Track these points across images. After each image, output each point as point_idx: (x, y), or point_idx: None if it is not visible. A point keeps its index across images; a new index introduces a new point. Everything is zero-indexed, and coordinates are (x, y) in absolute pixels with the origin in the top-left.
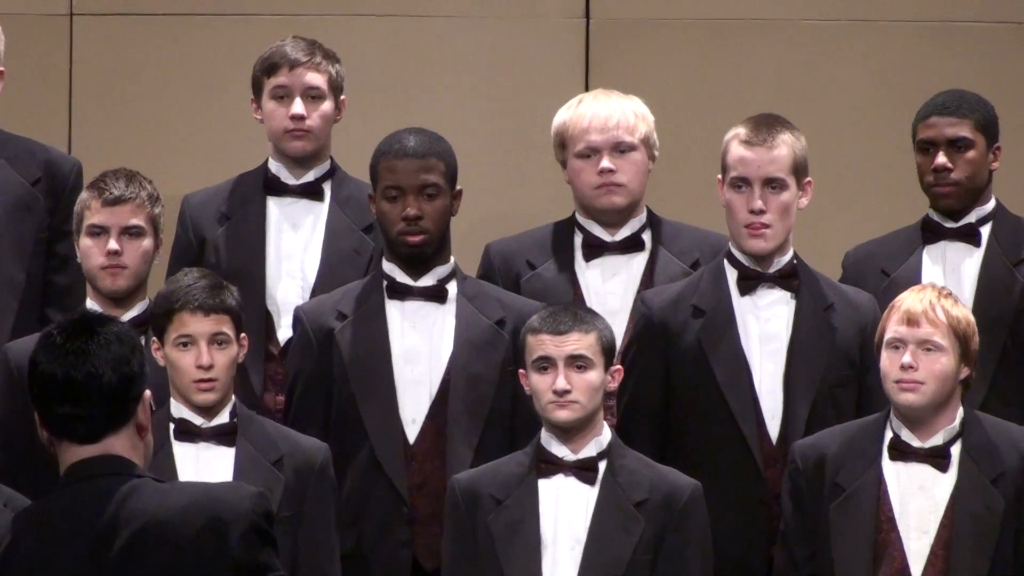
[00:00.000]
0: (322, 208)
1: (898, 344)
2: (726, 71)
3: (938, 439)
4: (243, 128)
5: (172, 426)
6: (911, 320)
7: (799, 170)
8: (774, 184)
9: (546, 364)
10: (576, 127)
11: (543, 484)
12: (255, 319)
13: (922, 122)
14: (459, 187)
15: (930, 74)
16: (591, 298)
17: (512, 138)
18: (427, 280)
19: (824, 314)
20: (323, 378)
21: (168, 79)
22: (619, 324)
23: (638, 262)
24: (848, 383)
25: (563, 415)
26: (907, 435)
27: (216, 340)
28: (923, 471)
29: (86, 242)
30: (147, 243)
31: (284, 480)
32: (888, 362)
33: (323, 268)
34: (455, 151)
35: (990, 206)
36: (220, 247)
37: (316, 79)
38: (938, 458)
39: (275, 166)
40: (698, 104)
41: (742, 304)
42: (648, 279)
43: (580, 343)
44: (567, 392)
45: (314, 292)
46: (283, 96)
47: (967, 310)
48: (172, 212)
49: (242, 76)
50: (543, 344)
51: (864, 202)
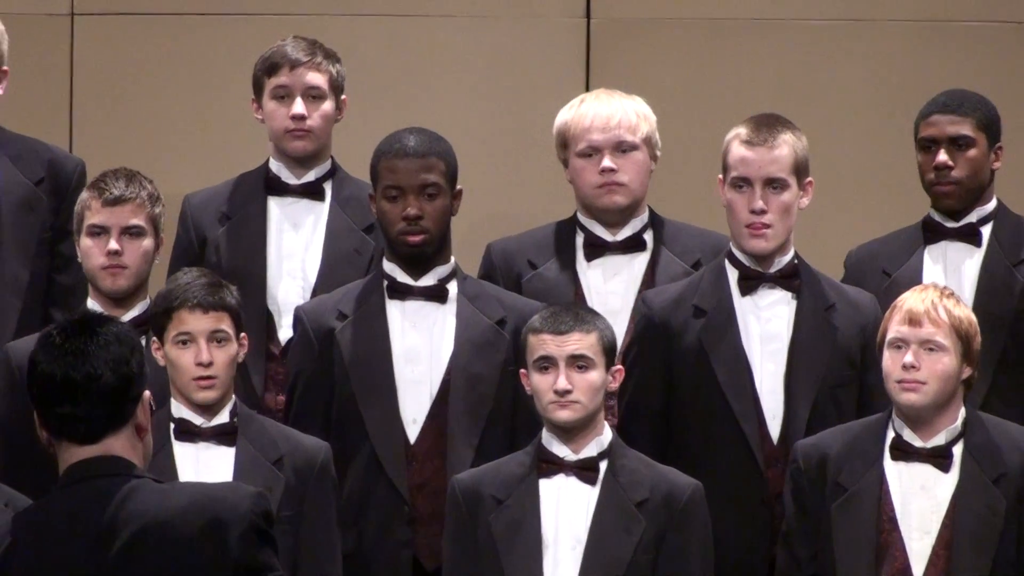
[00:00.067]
0: (323, 208)
1: (900, 344)
2: (727, 71)
3: (940, 439)
4: (244, 128)
5: (172, 426)
6: (913, 320)
7: (800, 170)
8: (775, 184)
9: (547, 364)
10: (578, 126)
11: (544, 484)
12: (256, 319)
13: (924, 120)
14: (459, 187)
15: (930, 74)
16: (592, 298)
17: (513, 138)
18: (428, 280)
19: (825, 314)
20: (324, 378)
21: (169, 79)
22: (620, 324)
23: (639, 262)
24: (849, 383)
25: (564, 415)
26: (909, 435)
27: (215, 338)
28: (925, 471)
29: (86, 242)
30: (147, 243)
31: (284, 480)
32: (890, 362)
33: (324, 268)
34: (456, 151)
35: (991, 206)
36: (221, 247)
37: (317, 79)
38: (940, 458)
39: (276, 166)
40: (699, 104)
41: (743, 304)
42: (649, 279)
43: (581, 343)
44: (568, 392)
45: (315, 292)
46: (284, 96)
47: (969, 310)
48: (173, 212)
49: (243, 76)
50: (544, 344)
51: (865, 202)
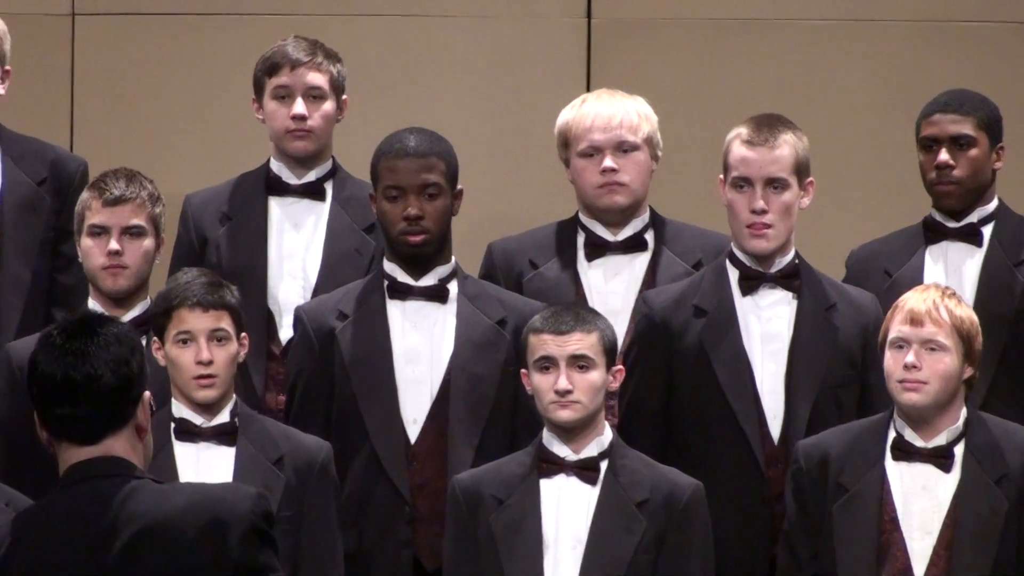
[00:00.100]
0: (323, 208)
1: (902, 344)
2: (728, 71)
3: (941, 439)
4: (244, 128)
5: (173, 426)
6: (915, 320)
7: (801, 170)
8: (776, 184)
9: (548, 364)
10: (579, 126)
11: (544, 484)
12: (256, 319)
13: (925, 119)
14: (460, 187)
15: (931, 74)
16: (593, 298)
17: (513, 138)
18: (428, 280)
19: (826, 314)
20: (324, 378)
21: (170, 79)
22: (620, 324)
23: (640, 262)
24: (850, 383)
25: (565, 415)
26: (910, 435)
27: (215, 336)
28: (926, 471)
29: (87, 242)
30: (148, 243)
31: (284, 480)
32: (892, 362)
33: (324, 268)
34: (456, 151)
35: (992, 206)
36: (222, 247)
37: (318, 79)
38: (941, 458)
39: (276, 166)
40: (700, 104)
41: (744, 304)
42: (650, 279)
43: (582, 343)
44: (569, 392)
45: (315, 292)
46: (285, 96)
47: (971, 310)
48: (174, 212)
49: (244, 76)
50: (545, 344)
51: (865, 202)
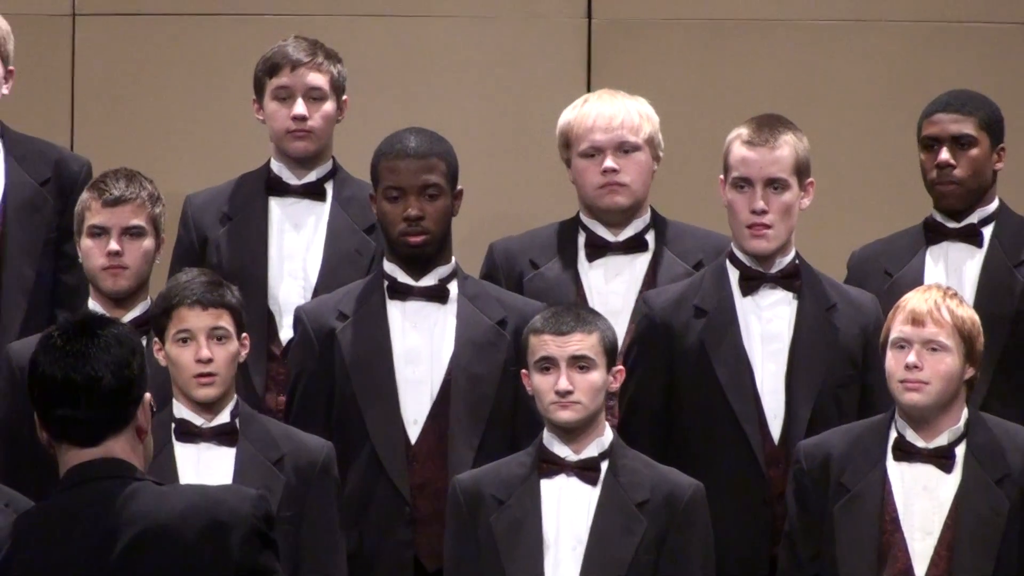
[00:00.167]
0: (324, 208)
1: (903, 344)
2: (728, 71)
3: (942, 439)
4: (245, 128)
5: (173, 427)
6: (916, 320)
7: (801, 170)
8: (776, 184)
9: (548, 364)
10: (580, 126)
11: (545, 484)
12: (257, 319)
13: (927, 119)
14: (460, 187)
15: (932, 74)
16: (593, 298)
17: (514, 138)
18: (428, 280)
19: (826, 314)
20: (324, 378)
21: (170, 79)
22: (620, 324)
23: (641, 262)
24: (851, 383)
25: (565, 415)
26: (912, 435)
27: (215, 335)
28: (927, 472)
29: (87, 243)
30: (148, 243)
31: (285, 480)
32: (893, 362)
33: (325, 268)
34: (457, 151)
35: (993, 206)
36: (222, 247)
37: (318, 79)
38: (942, 459)
39: (277, 166)
40: (700, 104)
41: (744, 304)
42: (651, 279)
43: (583, 343)
44: (569, 392)
45: (316, 292)
46: (285, 97)
47: (972, 311)
48: (174, 212)
49: (244, 76)
50: (545, 344)
51: (866, 202)
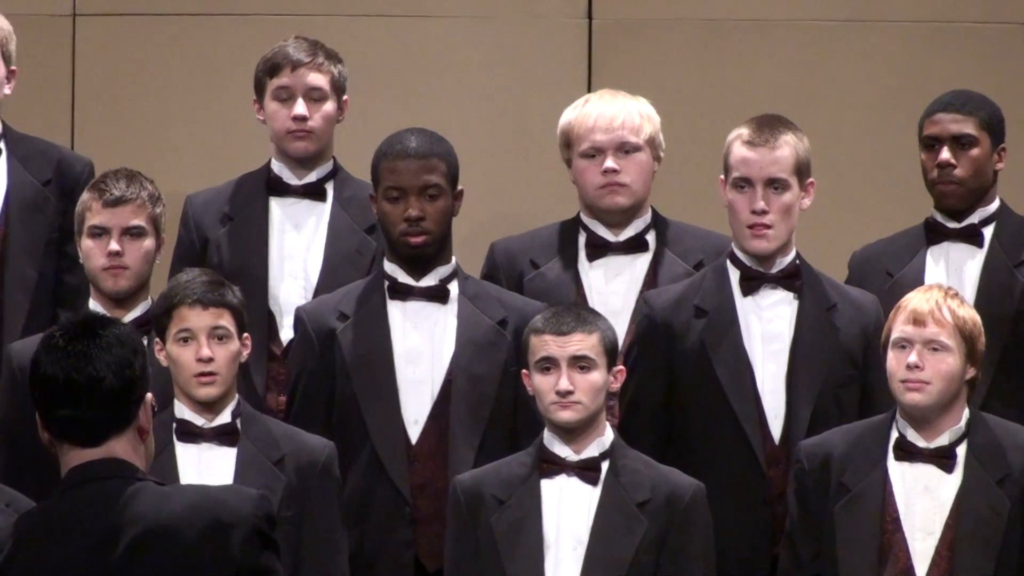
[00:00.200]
0: (324, 208)
1: (904, 344)
2: (729, 71)
3: (944, 439)
4: (245, 128)
5: (174, 427)
6: (917, 320)
7: (801, 171)
8: (776, 184)
9: (549, 365)
10: (581, 126)
11: (545, 484)
12: (257, 319)
13: (928, 119)
14: (461, 187)
15: (932, 75)
16: (593, 298)
17: (514, 138)
18: (429, 280)
19: (827, 314)
20: (325, 378)
21: (171, 79)
22: (620, 324)
23: (641, 263)
24: (851, 383)
25: (566, 416)
26: (913, 435)
27: (216, 334)
28: (928, 471)
29: (87, 243)
30: (148, 243)
31: (286, 480)
32: (894, 362)
33: (325, 268)
34: (457, 151)
35: (994, 207)
36: (222, 247)
37: (318, 80)
38: (943, 459)
39: (277, 166)
40: (701, 104)
41: (745, 304)
42: (651, 280)
43: (583, 343)
44: (570, 393)
45: (316, 292)
46: (285, 97)
47: (973, 311)
48: (174, 212)
49: (244, 76)
50: (546, 345)
51: (866, 203)
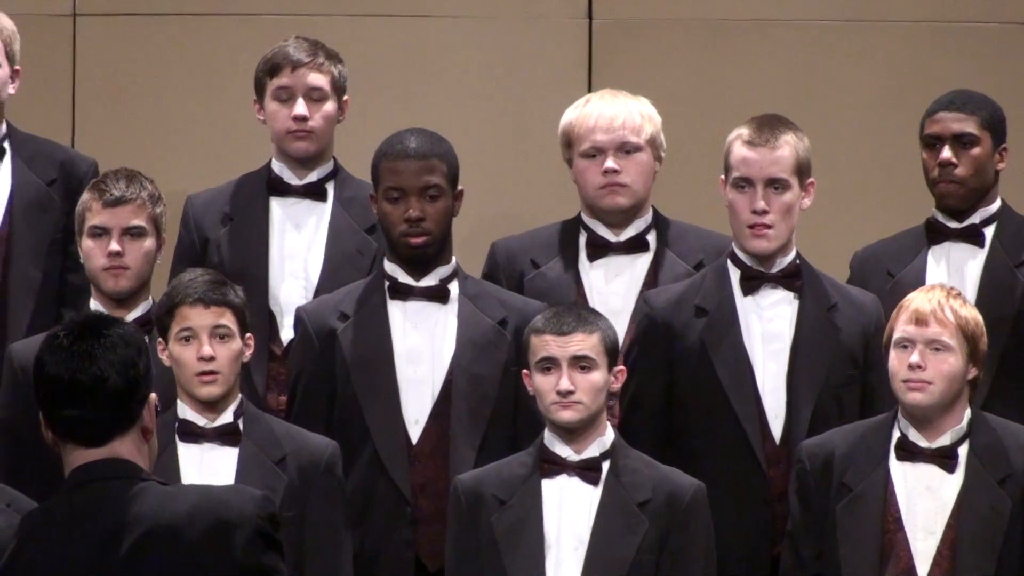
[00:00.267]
0: (325, 208)
1: (906, 344)
2: (729, 71)
3: (945, 439)
4: (246, 128)
5: (177, 426)
6: (920, 320)
7: (802, 170)
8: (777, 184)
9: (550, 365)
10: (582, 126)
11: (546, 484)
12: (258, 319)
13: (929, 118)
14: (461, 187)
15: (933, 75)
16: (594, 298)
17: (514, 138)
18: (429, 280)
19: (827, 314)
20: (325, 378)
21: (171, 79)
22: (621, 324)
23: (642, 263)
24: (852, 383)
25: (567, 416)
26: (914, 435)
27: (217, 333)
28: (930, 471)
29: (88, 243)
30: (149, 243)
31: (287, 480)
32: (896, 361)
33: (326, 268)
34: (457, 151)
35: (995, 207)
36: (223, 247)
37: (319, 80)
38: (945, 458)
39: (278, 166)
40: (701, 104)
41: (745, 304)
42: (652, 280)
43: (584, 344)
44: (571, 393)
45: (317, 292)
46: (286, 97)
47: (976, 311)
48: (175, 212)
49: (245, 76)
50: (547, 345)
51: (867, 203)
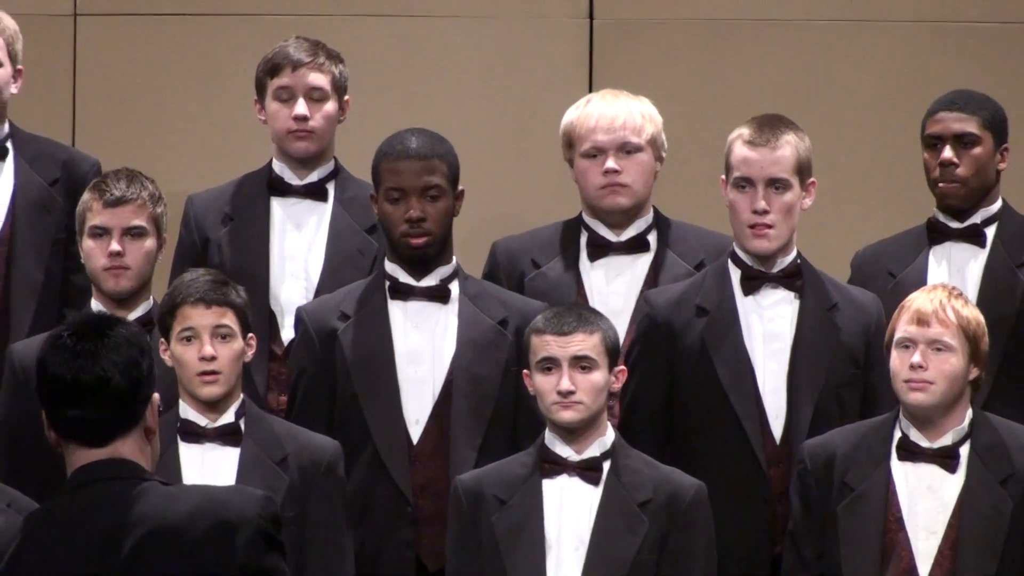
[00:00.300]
0: (326, 208)
1: (908, 344)
2: (730, 71)
3: (947, 439)
4: (246, 128)
5: (178, 426)
6: (921, 320)
7: (803, 170)
8: (777, 184)
9: (550, 365)
10: (583, 126)
11: (547, 484)
12: (258, 319)
13: (930, 118)
14: (461, 187)
15: (933, 74)
16: (594, 298)
17: (515, 138)
18: (429, 280)
19: (828, 314)
20: (326, 378)
21: (172, 79)
22: (621, 324)
23: (643, 263)
24: (853, 382)
25: (567, 416)
26: (916, 435)
27: (219, 333)
28: (931, 471)
29: (88, 243)
30: (149, 243)
31: (288, 480)
32: (898, 362)
33: (327, 269)
34: (458, 151)
35: (996, 207)
36: (224, 247)
37: (319, 80)
38: (947, 458)
39: (279, 166)
40: (702, 104)
41: (746, 304)
42: (652, 280)
43: (584, 344)
44: (571, 393)
45: (318, 292)
46: (286, 97)
47: (977, 311)
48: (176, 212)
49: (245, 76)
50: (547, 345)
51: (868, 202)
